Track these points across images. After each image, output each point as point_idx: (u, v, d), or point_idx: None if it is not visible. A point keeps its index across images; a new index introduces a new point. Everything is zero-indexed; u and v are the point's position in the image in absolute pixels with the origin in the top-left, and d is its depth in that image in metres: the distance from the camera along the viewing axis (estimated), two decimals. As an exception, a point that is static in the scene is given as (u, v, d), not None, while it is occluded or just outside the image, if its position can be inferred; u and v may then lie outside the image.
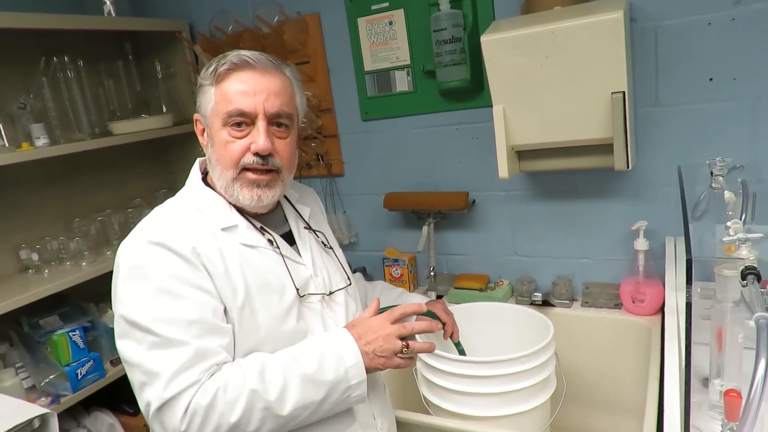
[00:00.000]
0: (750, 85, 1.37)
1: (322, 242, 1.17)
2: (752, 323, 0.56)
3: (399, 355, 0.99)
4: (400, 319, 1.03)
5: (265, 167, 0.99)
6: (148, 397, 0.88)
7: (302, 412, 0.92)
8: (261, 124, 0.98)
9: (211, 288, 0.94)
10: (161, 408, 0.86)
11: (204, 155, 1.11)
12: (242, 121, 0.98)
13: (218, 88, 0.99)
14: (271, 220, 1.10)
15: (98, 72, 1.98)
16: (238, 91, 0.97)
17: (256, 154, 0.98)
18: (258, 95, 0.97)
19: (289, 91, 1.03)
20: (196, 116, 1.06)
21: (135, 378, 0.91)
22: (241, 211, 1.05)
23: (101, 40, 2.08)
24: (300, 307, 1.03)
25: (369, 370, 0.98)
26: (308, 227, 1.16)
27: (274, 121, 1.00)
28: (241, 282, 0.97)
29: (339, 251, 1.22)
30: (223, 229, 1.00)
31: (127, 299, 0.92)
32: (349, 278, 1.17)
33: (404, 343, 1.00)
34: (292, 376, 0.92)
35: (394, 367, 1.00)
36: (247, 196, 1.00)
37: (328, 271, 1.12)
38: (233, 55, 0.99)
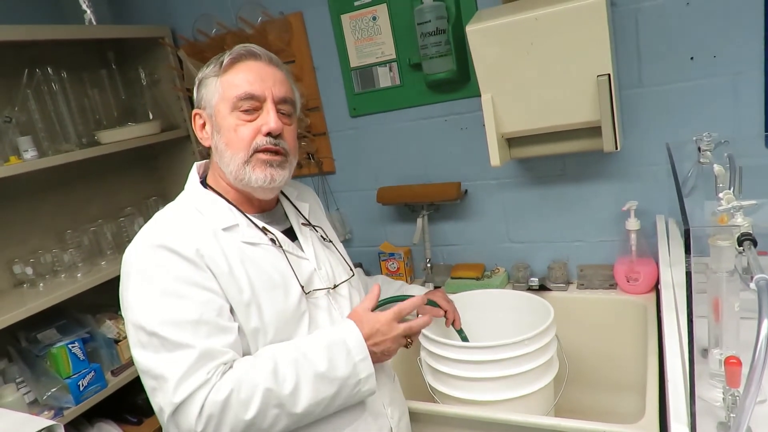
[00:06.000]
0: (730, 62, 1.40)
1: (322, 236, 1.18)
2: (753, 285, 0.57)
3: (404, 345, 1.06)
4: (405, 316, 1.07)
5: (276, 147, 1.02)
6: (159, 402, 0.89)
7: (315, 408, 0.94)
8: (270, 106, 1.01)
9: (216, 288, 0.95)
10: (175, 412, 0.87)
11: (199, 159, 1.12)
12: (251, 106, 1.01)
13: (224, 77, 1.02)
14: (272, 218, 1.11)
15: (82, 82, 1.97)
16: (246, 78, 1.01)
17: (268, 134, 1.00)
18: (265, 81, 1.02)
19: (289, 83, 1.08)
20: (195, 111, 1.08)
21: (146, 383, 0.91)
22: (241, 210, 1.06)
23: (83, 50, 2.06)
24: (308, 305, 1.05)
25: (374, 363, 1.00)
26: (307, 223, 1.17)
27: (280, 106, 1.04)
28: (246, 280, 0.97)
29: (339, 245, 1.23)
30: (225, 229, 1.01)
31: (135, 304, 0.92)
32: (351, 270, 1.18)
33: (408, 340, 1.06)
34: (305, 373, 0.93)
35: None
36: (260, 176, 1.01)
37: (330, 264, 1.13)
38: (239, 47, 1.03)
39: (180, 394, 0.86)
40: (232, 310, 0.96)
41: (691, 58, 1.44)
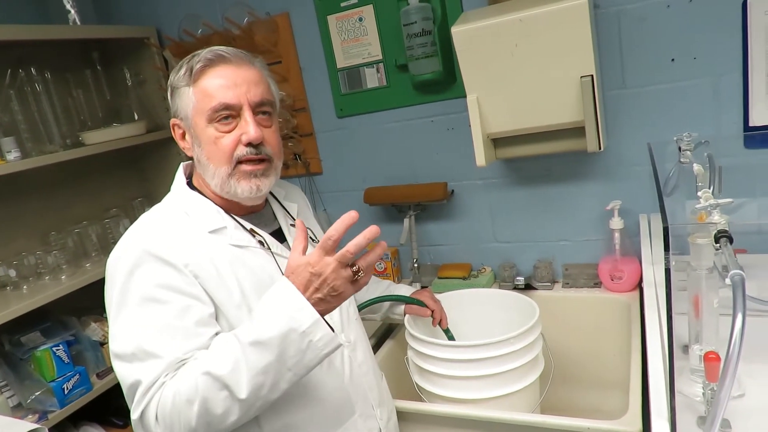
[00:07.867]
0: (710, 64, 1.43)
1: (311, 237, 1.18)
2: (728, 281, 0.59)
3: (354, 278, 0.89)
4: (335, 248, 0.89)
5: (258, 156, 1.00)
6: (131, 407, 0.90)
7: (264, 380, 0.84)
8: (247, 114, 0.99)
9: (199, 293, 0.93)
10: (140, 419, 0.88)
11: (185, 159, 1.11)
12: (228, 114, 0.98)
13: (196, 86, 0.99)
14: (260, 219, 1.10)
15: (66, 82, 1.95)
16: (219, 86, 0.98)
17: (249, 144, 0.99)
18: (239, 87, 0.98)
19: (265, 80, 1.05)
20: (173, 121, 1.05)
21: (123, 389, 0.92)
22: (229, 212, 1.05)
23: (68, 50, 2.04)
24: None
25: (329, 310, 0.89)
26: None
27: (258, 110, 1.01)
28: (235, 282, 0.97)
29: None
30: (211, 232, 1.00)
31: (116, 310, 0.92)
32: None
33: (355, 268, 0.88)
34: (237, 347, 0.85)
35: (356, 291, 0.92)
36: (246, 188, 1.00)
37: None
38: (207, 52, 0.99)
39: (144, 403, 0.87)
40: (219, 314, 0.95)
41: (672, 60, 1.46)
